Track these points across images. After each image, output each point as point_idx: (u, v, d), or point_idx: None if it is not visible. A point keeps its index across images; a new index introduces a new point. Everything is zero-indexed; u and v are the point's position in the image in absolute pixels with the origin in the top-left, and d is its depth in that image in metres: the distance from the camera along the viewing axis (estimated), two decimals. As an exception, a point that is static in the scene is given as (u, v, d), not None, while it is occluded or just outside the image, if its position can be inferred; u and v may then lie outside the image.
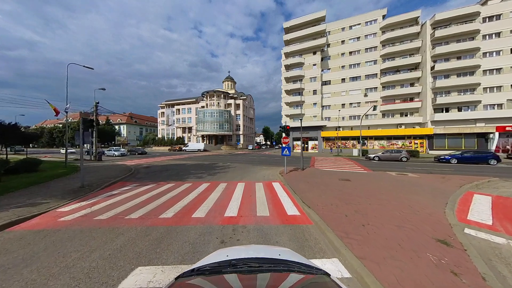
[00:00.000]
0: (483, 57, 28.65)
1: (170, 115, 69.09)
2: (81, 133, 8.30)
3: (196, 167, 16.64)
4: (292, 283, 1.11)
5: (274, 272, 1.24)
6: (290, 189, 8.11)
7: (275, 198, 6.98)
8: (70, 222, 4.97)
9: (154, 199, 6.91)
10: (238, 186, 8.95)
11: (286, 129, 11.91)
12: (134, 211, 5.74)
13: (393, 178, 10.50)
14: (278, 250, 1.77)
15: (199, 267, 1.33)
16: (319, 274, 1.24)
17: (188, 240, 3.93)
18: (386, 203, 6.08)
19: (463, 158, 18.06)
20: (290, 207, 5.98)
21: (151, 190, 8.40)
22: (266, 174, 12.62)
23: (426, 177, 10.87)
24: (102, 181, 9.97)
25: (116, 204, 6.44)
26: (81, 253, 3.50)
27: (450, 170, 14.42)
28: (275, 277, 1.18)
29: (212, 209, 5.81)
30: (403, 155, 20.24)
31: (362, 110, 35.59)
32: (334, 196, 6.92)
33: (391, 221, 4.62)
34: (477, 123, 28.75)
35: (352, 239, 3.74)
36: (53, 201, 6.54)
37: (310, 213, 5.26)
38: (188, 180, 10.58)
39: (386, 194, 7.19)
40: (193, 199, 6.89)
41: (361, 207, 5.66)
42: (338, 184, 8.88)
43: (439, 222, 4.62)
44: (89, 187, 8.47)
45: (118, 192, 8.11)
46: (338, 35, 38.70)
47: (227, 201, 6.68)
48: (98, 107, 23.90)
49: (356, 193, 7.26)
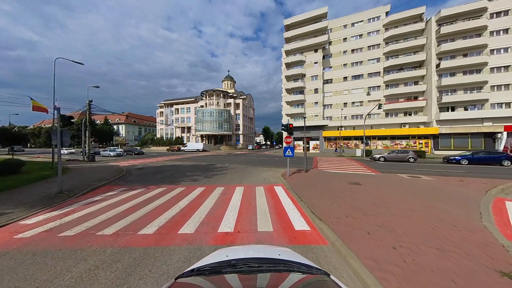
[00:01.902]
0: (490, 54, 27.71)
1: (169, 115, 68.08)
2: (58, 132, 7.34)
3: (193, 168, 15.69)
4: (292, 283, 1.10)
5: (274, 272, 1.22)
6: (295, 195, 7.17)
7: (279, 207, 6.03)
8: (26, 240, 4.01)
9: (139, 208, 5.96)
10: (237, 191, 8.00)
11: (289, 128, 10.91)
12: (111, 224, 4.79)
13: (407, 182, 9.55)
14: (278, 250, 1.76)
15: (199, 267, 1.31)
16: (319, 274, 1.23)
17: (167, 271, 2.97)
18: (410, 213, 5.14)
19: (475, 159, 17.12)
20: (298, 219, 5.03)
21: (138, 196, 7.44)
22: (267, 176, 11.68)
23: (442, 180, 9.93)
24: (87, 185, 9.01)
25: (92, 214, 5.48)
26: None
27: (464, 172, 13.48)
28: (275, 277, 1.17)
29: (204, 222, 4.85)
30: (410, 156, 19.29)
31: (364, 109, 34.67)
32: (347, 204, 5.96)
33: (427, 240, 3.67)
34: (484, 122, 27.82)
35: (386, 271, 2.79)
36: (19, 211, 5.58)
37: (323, 228, 4.31)
38: (181, 184, 9.63)
39: (406, 201, 6.24)
40: (183, 208, 5.93)
41: (383, 219, 4.71)
42: (348, 189, 7.93)
43: (487, 242, 3.68)
44: (68, 193, 7.50)
45: (101, 198, 7.16)
46: (340, 32, 37.74)
47: (223, 210, 5.73)
48: (92, 106, 22.98)
49: (371, 201, 6.31)
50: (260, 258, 1.43)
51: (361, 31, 36.10)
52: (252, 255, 1.56)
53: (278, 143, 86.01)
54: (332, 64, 38.13)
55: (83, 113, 23.93)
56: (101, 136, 66.83)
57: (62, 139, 7.48)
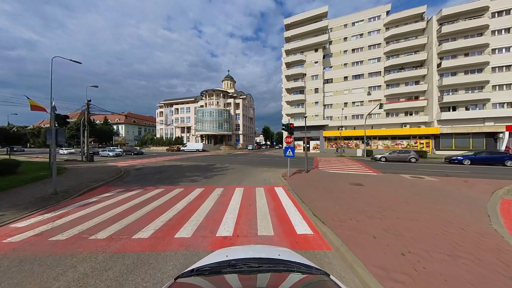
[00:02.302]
0: (492, 54, 27.54)
1: (168, 115, 67.86)
2: (53, 132, 7.15)
3: (192, 168, 15.49)
4: (292, 283, 1.10)
5: (274, 272, 1.22)
6: (296, 197, 6.98)
7: (280, 209, 5.84)
8: (15, 245, 3.82)
9: (135, 210, 5.77)
10: (236, 192, 7.81)
11: (290, 127, 10.70)
12: (105, 227, 4.60)
13: (410, 182, 9.36)
14: (278, 250, 1.76)
15: (199, 267, 1.30)
16: (319, 274, 1.22)
17: (161, 279, 2.78)
18: (417, 216, 4.94)
19: (477, 159, 16.93)
20: (299, 222, 4.84)
21: (136, 197, 7.25)
22: (267, 177, 11.49)
23: (446, 181, 9.74)
24: (83, 186, 8.82)
25: (86, 217, 5.29)
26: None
27: (466, 172, 13.29)
28: (275, 277, 1.17)
29: (202, 225, 4.66)
30: (411, 156, 19.09)
31: (365, 109, 34.48)
32: (350, 206, 5.77)
33: (437, 245, 3.48)
34: (485, 122, 27.64)
35: (396, 281, 2.60)
36: (11, 213, 5.39)
37: (326, 232, 4.12)
38: (180, 185, 9.43)
39: (411, 203, 6.05)
40: (181, 210, 5.74)
41: (388, 223, 4.52)
42: (350, 190, 7.74)
43: (500, 247, 3.49)
44: (63, 194, 7.31)
45: (96, 199, 6.97)
46: (340, 32, 37.55)
47: (222, 212, 5.54)
48: (91, 106, 22.78)
49: (375, 202, 6.11)
50: (260, 258, 1.42)
51: (362, 31, 35.91)
52: (252, 255, 1.56)
53: (278, 143, 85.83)
54: (332, 63, 37.93)
55: (83, 113, 23.73)
56: (100, 136, 66.65)
57: (57, 139, 7.29)
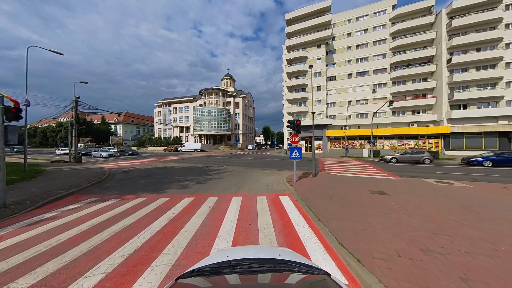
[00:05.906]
0: (506, 48, 26.01)
1: (167, 114, 66.34)
2: (1, 130, 5.64)
3: (185, 171, 13.97)
4: (292, 283, 1.09)
5: (275, 272, 1.19)
6: (309, 211, 5.46)
7: (290, 232, 4.31)
8: None
9: (93, 234, 4.25)
10: (232, 204, 6.30)
11: (297, 124, 9.13)
12: (36, 266, 3.09)
13: (441, 190, 7.84)
14: (279, 250, 1.72)
15: (199, 268, 1.27)
16: (320, 274, 1.20)
17: None
18: (490, 247, 3.43)
19: (499, 160, 15.42)
20: (322, 257, 3.31)
21: (105, 211, 5.74)
22: (270, 181, 9.98)
23: (482, 188, 8.24)
24: (48, 194, 7.31)
25: (22, 245, 3.78)
26: None
27: (495, 175, 11.77)
28: (276, 278, 1.15)
29: (179, 264, 3.14)
30: (425, 157, 17.58)
31: (370, 107, 32.98)
32: (387, 228, 4.25)
33: None
34: (499, 120, 26.13)
35: None
36: None
37: (366, 279, 2.62)
38: (166, 192, 7.93)
39: (466, 223, 4.53)
40: (155, 234, 4.22)
41: (458, 261, 3.01)
42: (375, 202, 6.22)
43: None
44: (14, 207, 5.80)
45: (54, 215, 5.45)
46: (344, 27, 36.01)
47: (211, 238, 4.03)
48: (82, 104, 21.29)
49: (416, 222, 4.59)
50: (261, 259, 1.38)
51: (366, 26, 34.38)
52: (253, 256, 1.50)
53: (279, 143, 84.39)
54: (335, 60, 36.39)
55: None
56: (97, 136, 65.20)
57: (6, 137, 5.77)
